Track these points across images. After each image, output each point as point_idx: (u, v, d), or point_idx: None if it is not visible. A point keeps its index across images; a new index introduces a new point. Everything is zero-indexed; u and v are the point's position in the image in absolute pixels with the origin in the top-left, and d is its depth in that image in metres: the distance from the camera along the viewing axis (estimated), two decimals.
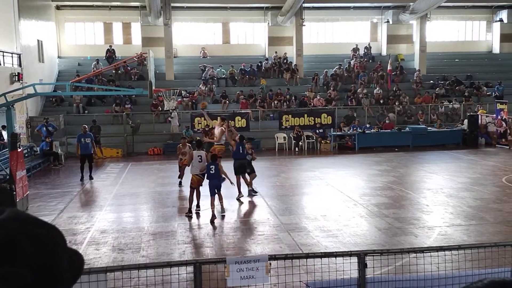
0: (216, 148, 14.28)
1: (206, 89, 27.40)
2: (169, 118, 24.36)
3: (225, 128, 14.67)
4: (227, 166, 13.21)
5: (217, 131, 14.94)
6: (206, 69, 28.72)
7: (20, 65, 21.57)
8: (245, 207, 12.90)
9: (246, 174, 13.93)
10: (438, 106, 27.60)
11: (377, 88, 28.27)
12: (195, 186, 11.86)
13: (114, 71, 27.43)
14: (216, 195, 11.57)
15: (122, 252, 9.31)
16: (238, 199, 13.33)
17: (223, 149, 14.96)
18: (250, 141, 15.14)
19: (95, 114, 24.61)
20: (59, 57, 29.31)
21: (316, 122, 24.56)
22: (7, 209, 0.93)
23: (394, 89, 28.26)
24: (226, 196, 14.07)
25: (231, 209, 12.70)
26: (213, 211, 11.36)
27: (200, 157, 11.85)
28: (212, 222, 11.18)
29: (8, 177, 12.46)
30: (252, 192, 13.83)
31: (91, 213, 12.45)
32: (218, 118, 16.04)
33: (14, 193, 11.81)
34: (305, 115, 24.76)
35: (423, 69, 30.85)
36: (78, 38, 30.38)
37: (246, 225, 11.15)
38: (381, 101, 27.40)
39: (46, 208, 12.91)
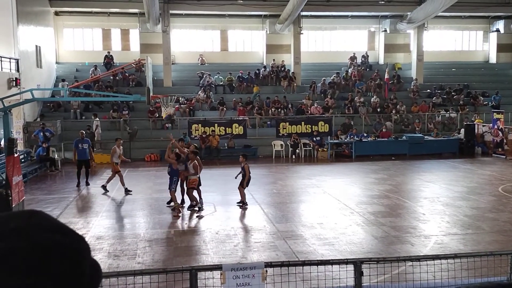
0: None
1: (204, 96, 27.45)
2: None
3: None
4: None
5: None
6: (204, 76, 28.77)
7: (18, 70, 21.56)
8: (241, 215, 12.88)
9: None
10: (435, 115, 27.70)
11: (374, 97, 28.36)
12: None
13: (112, 77, 27.45)
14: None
15: (118, 259, 9.27)
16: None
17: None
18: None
19: (92, 120, 24.60)
20: (57, 62, 29.32)
21: (313, 130, 24.58)
22: (30, 213, 0.91)
23: (391, 97, 28.36)
24: (223, 204, 14.06)
25: (227, 216, 12.69)
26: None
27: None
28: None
29: (4, 182, 12.42)
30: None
31: (87, 219, 12.41)
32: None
33: (10, 198, 11.76)
34: (302, 123, 24.80)
35: (420, 78, 30.99)
36: (77, 44, 30.41)
37: (242, 232, 11.13)
38: (378, 110, 27.49)
39: None
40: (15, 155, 12.52)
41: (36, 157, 20.38)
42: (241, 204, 13.45)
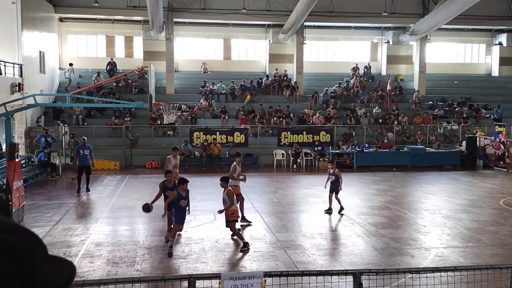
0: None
1: (206, 104, 27.51)
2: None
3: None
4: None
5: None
6: (207, 84, 28.86)
7: (21, 75, 21.65)
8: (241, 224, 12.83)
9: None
10: (437, 127, 27.70)
11: (376, 108, 28.39)
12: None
13: (114, 84, 27.53)
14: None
15: (116, 266, 9.24)
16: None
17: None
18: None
19: (94, 126, 24.66)
20: (60, 68, 29.43)
21: (315, 139, 24.58)
22: None
23: (393, 108, 28.39)
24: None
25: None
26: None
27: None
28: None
29: (4, 187, 12.42)
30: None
31: (87, 225, 12.38)
32: None
33: (10, 203, 11.76)
34: (304, 133, 24.81)
35: (422, 90, 31.03)
36: (80, 50, 30.54)
37: (242, 241, 11.07)
38: (380, 121, 27.50)
39: (41, 219, 12.84)
40: (17, 160, 12.54)
41: (37, 162, 20.38)
42: (338, 210, 13.70)
